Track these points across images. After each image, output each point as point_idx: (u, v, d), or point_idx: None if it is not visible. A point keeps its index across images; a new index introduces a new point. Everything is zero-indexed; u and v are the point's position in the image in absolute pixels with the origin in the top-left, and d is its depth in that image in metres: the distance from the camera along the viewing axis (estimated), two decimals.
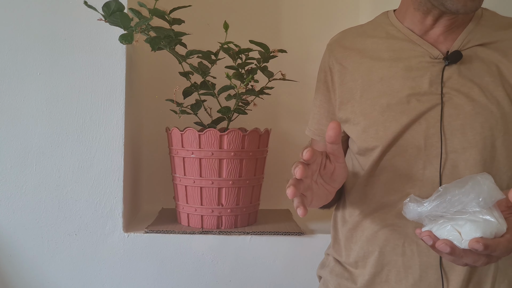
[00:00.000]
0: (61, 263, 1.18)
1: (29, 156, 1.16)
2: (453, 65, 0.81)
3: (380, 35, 0.90)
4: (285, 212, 1.46)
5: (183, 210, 1.25)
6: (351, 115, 0.88)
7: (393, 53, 0.86)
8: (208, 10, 1.50)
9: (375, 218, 0.86)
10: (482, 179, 0.64)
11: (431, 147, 0.80)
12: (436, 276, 0.80)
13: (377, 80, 0.85)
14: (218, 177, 1.19)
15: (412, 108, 0.81)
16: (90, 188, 1.18)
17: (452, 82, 0.81)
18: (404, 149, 0.82)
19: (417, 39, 0.85)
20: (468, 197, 0.63)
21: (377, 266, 0.85)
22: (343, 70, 0.91)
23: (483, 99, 0.79)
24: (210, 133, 1.17)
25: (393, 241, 0.83)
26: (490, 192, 0.62)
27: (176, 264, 1.19)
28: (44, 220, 1.17)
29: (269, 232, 1.20)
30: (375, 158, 0.85)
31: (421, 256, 0.81)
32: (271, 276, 1.21)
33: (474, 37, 0.84)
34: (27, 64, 1.15)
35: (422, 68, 0.83)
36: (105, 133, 1.18)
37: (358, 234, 0.89)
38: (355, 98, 0.87)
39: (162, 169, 1.44)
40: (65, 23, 1.16)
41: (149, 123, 1.48)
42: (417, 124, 0.81)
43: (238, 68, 1.21)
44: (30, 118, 1.16)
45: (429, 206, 0.65)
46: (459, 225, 0.63)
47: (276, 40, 1.52)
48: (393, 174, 0.83)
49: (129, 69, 1.21)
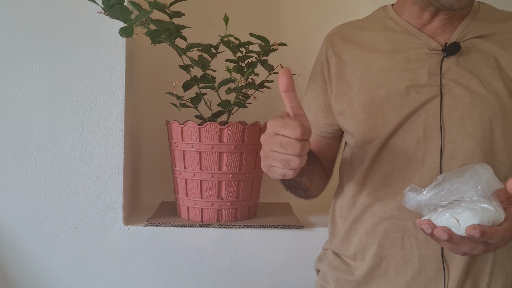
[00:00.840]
0: (61, 256, 1.18)
1: (29, 149, 1.16)
2: (451, 57, 0.82)
3: (378, 29, 0.90)
4: (284, 205, 1.47)
5: (183, 203, 1.25)
6: (348, 107, 0.88)
7: (391, 45, 0.86)
8: (208, 3, 1.49)
9: (375, 211, 0.86)
10: (480, 169, 0.64)
11: (430, 138, 0.80)
12: (435, 269, 0.81)
13: (376, 72, 0.85)
14: (218, 171, 1.19)
15: (411, 100, 0.81)
16: (90, 181, 1.18)
17: (451, 74, 0.81)
18: (403, 141, 0.82)
19: (416, 32, 0.86)
20: (466, 186, 0.63)
21: (376, 258, 0.85)
22: (341, 63, 0.91)
23: (482, 90, 0.79)
24: (210, 127, 1.17)
25: (393, 234, 0.84)
26: (489, 182, 0.63)
27: (176, 257, 1.19)
28: (44, 213, 1.17)
29: (269, 225, 1.21)
30: (374, 150, 0.85)
31: (420, 249, 0.81)
32: (270, 269, 1.22)
33: (472, 29, 0.84)
34: (27, 57, 1.15)
35: (421, 59, 0.83)
36: (105, 126, 1.18)
37: (358, 227, 0.89)
38: (353, 90, 0.87)
39: (162, 162, 1.44)
40: (64, 16, 1.15)
41: (149, 116, 1.48)
42: (416, 116, 0.81)
43: (238, 61, 1.21)
44: (30, 111, 1.16)
45: (428, 195, 0.66)
46: (457, 213, 0.64)
47: (276, 33, 1.51)
48: (392, 166, 0.84)
49: (129, 62, 1.21)
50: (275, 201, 1.50)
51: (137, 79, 1.36)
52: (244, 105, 1.26)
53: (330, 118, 0.94)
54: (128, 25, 1.02)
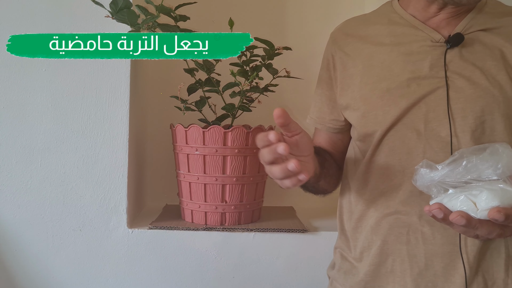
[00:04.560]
0: (66, 258, 1.19)
1: (34, 152, 1.17)
2: (454, 49, 0.81)
3: (382, 22, 0.90)
4: (288, 209, 1.47)
5: (187, 206, 1.25)
6: (351, 100, 0.88)
7: (394, 38, 0.86)
8: (213, 7, 1.50)
9: (378, 206, 0.85)
10: (501, 147, 0.60)
11: (431, 131, 0.80)
12: (442, 265, 0.79)
13: (377, 65, 0.85)
14: (222, 174, 1.19)
15: (412, 91, 0.81)
16: (95, 184, 1.18)
17: (454, 66, 0.81)
18: (403, 133, 0.82)
19: (419, 25, 0.85)
20: (485, 165, 0.60)
21: (381, 255, 0.84)
22: (345, 56, 0.91)
23: (485, 82, 0.78)
24: (214, 130, 1.17)
25: (397, 229, 0.83)
26: (509, 161, 0.59)
27: (180, 260, 1.19)
28: (49, 215, 1.18)
29: (273, 229, 1.20)
30: (375, 143, 0.84)
31: (426, 244, 0.80)
32: (274, 273, 1.21)
33: (476, 23, 0.83)
34: (33, 60, 1.15)
35: (423, 52, 0.82)
36: (110, 130, 1.18)
37: (363, 224, 0.88)
38: (355, 84, 0.87)
39: (166, 165, 1.44)
40: (71, 19, 1.16)
41: (153, 119, 1.48)
42: (417, 108, 0.81)
43: (243, 65, 1.21)
44: (35, 114, 1.17)
45: (443, 171, 0.62)
46: (473, 194, 0.60)
47: (281, 37, 1.52)
48: (393, 159, 0.83)
49: (134, 66, 1.21)
50: (279, 205, 1.50)
51: (142, 82, 1.37)
52: (249, 108, 1.26)
53: (335, 114, 0.94)
54: (135, 29, 1.02)
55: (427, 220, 0.80)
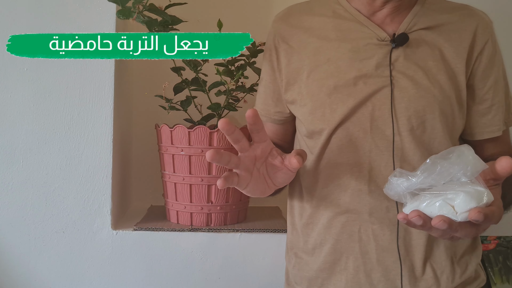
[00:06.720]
0: (49, 261, 1.17)
1: (16, 153, 1.15)
2: (399, 48, 0.82)
3: (327, 14, 0.89)
4: (274, 209, 1.46)
5: (173, 207, 1.24)
6: (298, 96, 0.87)
7: (340, 33, 0.86)
8: (198, 6, 1.48)
9: (329, 204, 0.86)
10: (466, 150, 0.62)
11: (377, 129, 0.81)
12: (393, 259, 0.82)
13: (324, 61, 0.85)
14: (208, 175, 1.18)
15: (359, 90, 0.82)
16: (78, 185, 1.17)
17: (398, 65, 0.82)
18: (350, 132, 0.83)
19: (364, 20, 0.86)
20: (455, 168, 0.61)
21: (335, 253, 0.85)
22: (290, 49, 0.90)
23: (427, 82, 0.81)
24: (200, 130, 1.16)
25: (349, 228, 0.84)
26: (476, 163, 0.61)
27: (165, 262, 1.18)
28: (31, 217, 1.16)
29: (259, 230, 1.20)
30: (323, 141, 0.85)
31: (377, 240, 0.82)
32: (260, 273, 1.21)
33: (419, 20, 0.85)
34: (14, 58, 1.12)
35: (370, 50, 0.83)
36: (94, 130, 1.17)
37: (315, 221, 0.88)
38: (302, 79, 0.87)
39: (152, 166, 1.43)
40: (53, 17, 1.14)
41: (138, 119, 1.47)
42: (364, 107, 0.82)
43: (228, 64, 1.21)
44: (16, 114, 1.15)
45: (419, 179, 0.63)
46: (449, 198, 0.61)
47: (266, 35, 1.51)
48: (342, 157, 0.84)
49: (118, 64, 1.20)
50: (265, 205, 1.50)
51: (127, 81, 1.35)
52: (234, 108, 1.25)
53: (280, 106, 0.93)
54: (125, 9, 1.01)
55: (377, 217, 0.82)
